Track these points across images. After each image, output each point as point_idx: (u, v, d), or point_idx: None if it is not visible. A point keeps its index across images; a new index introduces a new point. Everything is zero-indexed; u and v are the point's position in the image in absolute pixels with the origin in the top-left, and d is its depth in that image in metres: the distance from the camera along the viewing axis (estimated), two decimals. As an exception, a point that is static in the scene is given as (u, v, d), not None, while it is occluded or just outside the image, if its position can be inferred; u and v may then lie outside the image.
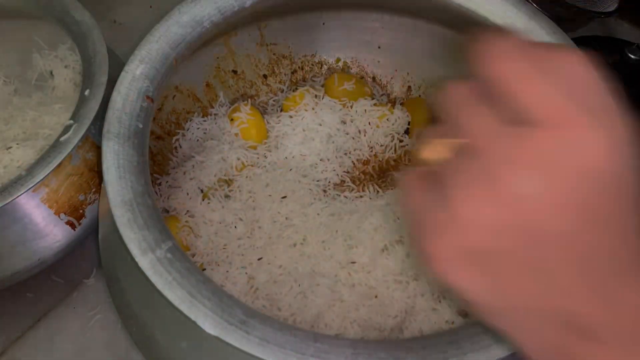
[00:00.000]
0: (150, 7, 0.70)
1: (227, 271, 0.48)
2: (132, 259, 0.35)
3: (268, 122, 0.59)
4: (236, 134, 0.57)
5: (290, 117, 0.58)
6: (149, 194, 0.38)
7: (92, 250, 0.52)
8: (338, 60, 0.64)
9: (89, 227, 0.50)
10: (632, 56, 0.67)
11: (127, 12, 0.70)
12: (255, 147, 0.57)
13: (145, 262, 0.35)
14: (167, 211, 0.52)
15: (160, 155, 0.56)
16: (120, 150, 0.39)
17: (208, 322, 0.33)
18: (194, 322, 0.33)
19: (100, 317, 0.50)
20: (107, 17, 0.70)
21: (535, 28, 0.49)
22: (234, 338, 0.33)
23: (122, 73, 0.43)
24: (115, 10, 0.70)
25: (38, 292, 0.51)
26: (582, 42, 0.51)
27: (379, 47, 0.63)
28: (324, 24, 0.62)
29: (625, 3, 0.57)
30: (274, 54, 0.62)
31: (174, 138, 0.56)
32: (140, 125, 0.41)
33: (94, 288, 0.51)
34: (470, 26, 0.50)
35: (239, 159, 0.55)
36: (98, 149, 0.45)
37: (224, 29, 0.52)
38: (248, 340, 0.33)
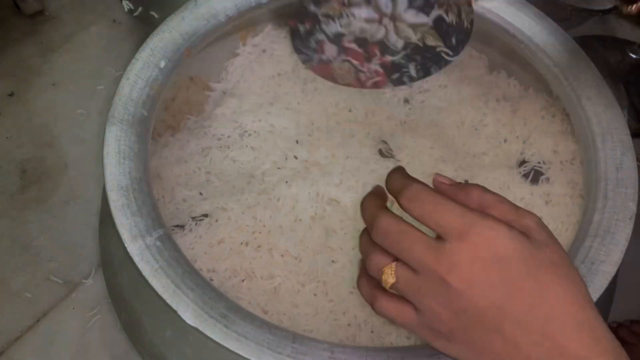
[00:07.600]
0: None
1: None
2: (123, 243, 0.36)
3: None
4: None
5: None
6: (146, 181, 0.39)
7: (91, 251, 0.51)
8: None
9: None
10: (634, 55, 0.66)
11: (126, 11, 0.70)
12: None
13: (134, 248, 0.35)
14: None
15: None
16: (122, 136, 0.39)
17: (189, 313, 0.33)
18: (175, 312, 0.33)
19: (99, 318, 0.49)
20: (107, 16, 0.70)
21: (541, 31, 0.50)
22: (213, 331, 0.33)
23: (133, 60, 0.43)
24: (114, 9, 0.70)
25: (37, 292, 0.50)
26: (583, 42, 0.49)
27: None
28: (343, 26, 0.61)
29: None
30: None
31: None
32: (145, 113, 0.41)
33: (93, 288, 0.50)
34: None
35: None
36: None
37: (242, 25, 0.52)
38: (226, 335, 0.33)
